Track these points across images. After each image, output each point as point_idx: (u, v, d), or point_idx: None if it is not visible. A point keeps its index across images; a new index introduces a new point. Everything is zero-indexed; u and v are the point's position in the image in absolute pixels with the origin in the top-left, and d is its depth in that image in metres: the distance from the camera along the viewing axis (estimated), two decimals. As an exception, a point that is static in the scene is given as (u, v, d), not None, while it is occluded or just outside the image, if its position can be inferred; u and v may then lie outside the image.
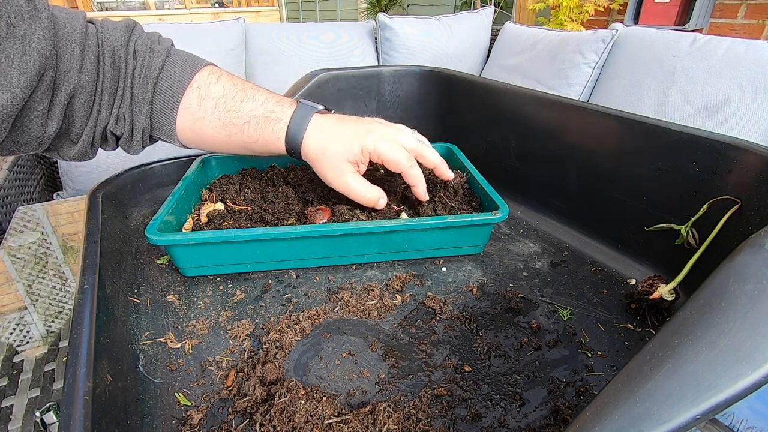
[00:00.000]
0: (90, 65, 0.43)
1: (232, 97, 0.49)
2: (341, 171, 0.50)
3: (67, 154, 0.46)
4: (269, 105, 0.50)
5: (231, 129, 0.50)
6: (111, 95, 0.45)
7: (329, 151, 0.49)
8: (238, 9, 5.56)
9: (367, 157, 0.50)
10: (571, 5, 2.10)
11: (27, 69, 0.37)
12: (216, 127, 0.49)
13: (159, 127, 0.49)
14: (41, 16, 0.38)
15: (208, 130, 0.50)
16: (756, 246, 0.26)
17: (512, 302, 0.47)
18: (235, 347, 0.42)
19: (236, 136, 0.50)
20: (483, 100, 0.73)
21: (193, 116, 0.49)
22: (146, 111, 0.47)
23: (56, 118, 0.42)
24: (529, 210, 0.66)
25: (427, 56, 2.03)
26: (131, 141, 0.49)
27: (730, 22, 2.05)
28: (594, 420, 0.22)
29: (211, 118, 0.49)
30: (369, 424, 0.34)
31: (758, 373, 0.20)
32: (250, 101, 0.49)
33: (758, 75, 1.24)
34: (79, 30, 0.42)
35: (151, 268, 0.53)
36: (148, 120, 0.48)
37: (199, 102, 0.48)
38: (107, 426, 0.29)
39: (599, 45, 1.62)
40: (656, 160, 0.50)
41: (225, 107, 0.49)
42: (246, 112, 0.49)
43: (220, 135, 0.50)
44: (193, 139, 0.51)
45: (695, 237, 0.45)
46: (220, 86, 0.49)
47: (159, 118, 0.48)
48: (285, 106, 0.50)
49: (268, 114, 0.50)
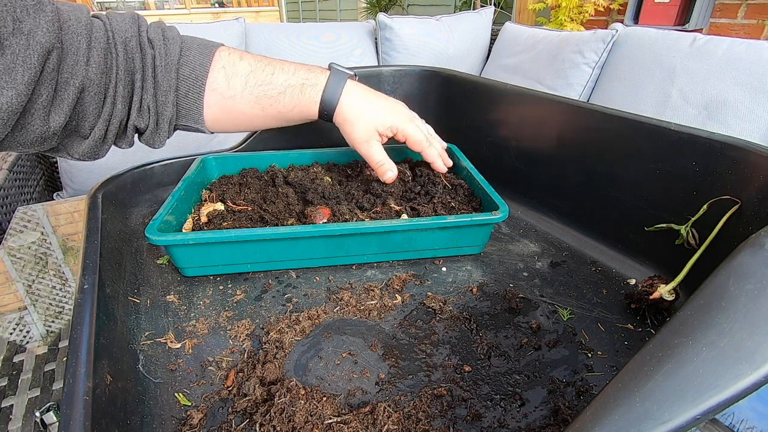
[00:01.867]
0: (97, 57, 0.42)
1: (261, 71, 0.51)
2: (369, 136, 0.55)
3: (76, 152, 0.46)
4: (301, 73, 0.52)
5: (265, 101, 0.51)
6: (126, 87, 0.45)
7: (364, 118, 0.54)
8: (238, 9, 5.55)
9: (390, 132, 0.56)
10: (571, 5, 2.10)
11: (31, 64, 0.37)
12: (249, 103, 0.51)
13: (185, 114, 0.50)
14: (46, 9, 0.38)
15: (241, 107, 0.51)
16: (756, 246, 0.26)
17: (512, 302, 0.47)
18: (235, 347, 0.42)
19: (271, 107, 0.52)
20: (483, 100, 0.73)
21: (223, 96, 0.50)
22: (172, 98, 0.47)
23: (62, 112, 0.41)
24: (529, 210, 0.66)
25: (427, 56, 2.03)
26: (157, 132, 0.49)
27: (730, 22, 2.05)
28: (594, 420, 0.22)
29: (243, 94, 0.50)
30: (369, 424, 0.33)
31: (758, 373, 0.20)
32: (281, 73, 0.52)
33: (758, 75, 1.24)
34: (84, 23, 0.42)
35: (151, 268, 0.53)
36: (174, 108, 0.48)
37: (227, 81, 0.49)
38: (107, 426, 0.29)
39: (599, 45, 1.62)
40: (656, 160, 0.50)
41: (256, 81, 0.50)
42: (280, 83, 0.51)
43: (254, 110, 0.51)
44: (224, 120, 0.52)
45: (695, 237, 0.45)
46: (246, 63, 0.51)
47: (185, 104, 0.49)
48: (318, 72, 0.53)
49: (303, 81, 0.52)
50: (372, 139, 0.55)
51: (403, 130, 0.56)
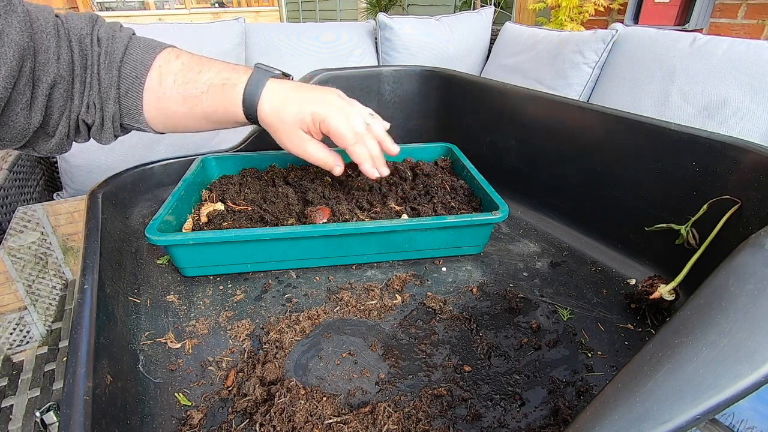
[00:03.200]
0: (66, 55, 0.44)
1: (190, 69, 0.49)
2: (299, 138, 0.51)
3: (43, 149, 0.47)
4: (225, 73, 0.50)
5: (191, 101, 0.49)
6: (81, 83, 0.46)
7: (287, 114, 0.49)
8: (238, 9, 5.55)
9: (317, 125, 0.50)
10: (571, 5, 2.10)
11: (6, 59, 0.38)
12: (177, 101, 0.49)
13: (127, 112, 0.49)
14: (17, 10, 0.39)
15: (171, 106, 0.50)
16: (756, 246, 0.26)
17: (512, 302, 0.47)
18: (235, 347, 0.42)
19: (197, 107, 0.50)
20: (483, 100, 0.73)
21: (155, 94, 0.49)
22: (114, 95, 0.48)
23: (39, 110, 0.42)
24: (529, 210, 0.66)
25: (427, 56, 2.03)
26: (102, 129, 0.49)
27: (730, 22, 2.05)
28: (594, 420, 0.22)
29: (171, 92, 0.49)
30: (369, 424, 0.33)
31: (758, 373, 0.20)
32: (207, 72, 0.50)
33: (758, 75, 1.24)
34: (51, 22, 0.43)
35: (151, 268, 0.53)
36: (117, 105, 0.48)
37: (159, 79, 0.49)
38: (107, 426, 0.29)
39: (599, 45, 1.62)
40: (656, 160, 0.50)
41: (183, 79, 0.49)
42: (203, 81, 0.49)
43: (182, 109, 0.50)
44: (161, 121, 0.51)
45: (695, 237, 0.45)
46: (180, 62, 0.50)
47: (126, 102, 0.49)
48: (241, 72, 0.50)
49: (224, 81, 0.49)
50: (301, 138, 0.51)
51: (326, 120, 0.49)
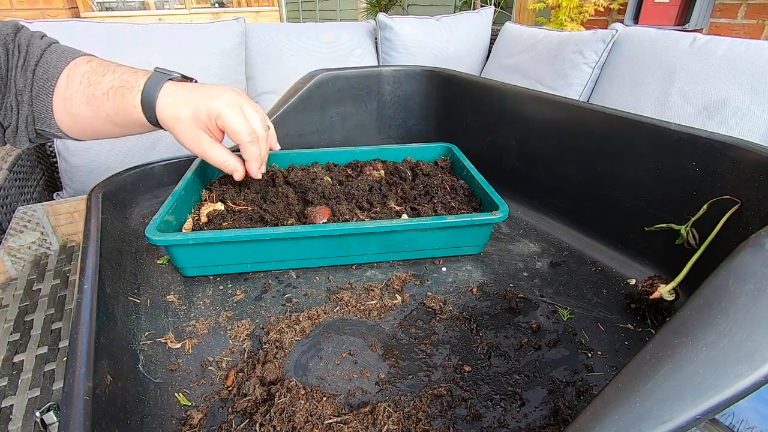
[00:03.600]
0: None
1: (96, 72, 0.50)
2: (197, 137, 0.50)
3: None
4: (125, 76, 0.50)
5: (95, 103, 0.49)
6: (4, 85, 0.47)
7: (180, 115, 0.49)
8: (238, 9, 5.55)
9: (213, 122, 0.49)
10: (571, 5, 2.10)
11: None
12: (81, 103, 0.49)
13: (39, 116, 0.50)
14: None
15: (77, 108, 0.50)
16: (756, 246, 0.26)
17: (512, 302, 0.47)
18: (235, 347, 0.42)
19: (101, 109, 0.50)
20: (483, 100, 0.73)
21: (62, 96, 0.49)
22: (27, 98, 0.48)
23: None
24: (529, 210, 0.66)
25: (427, 56, 2.03)
26: (17, 132, 0.49)
27: (730, 22, 2.05)
28: (594, 420, 0.22)
29: (77, 94, 0.49)
30: (369, 424, 0.33)
31: (758, 373, 0.20)
32: (111, 74, 0.50)
33: (758, 75, 1.24)
34: None
35: (151, 268, 0.53)
36: (30, 107, 0.49)
37: (66, 82, 0.49)
38: (107, 426, 0.29)
39: (599, 45, 1.62)
40: (656, 160, 0.50)
41: (88, 81, 0.49)
42: (106, 83, 0.49)
43: (88, 111, 0.50)
44: (71, 124, 0.51)
45: (695, 237, 0.45)
46: (89, 66, 0.50)
47: (37, 105, 0.49)
48: (140, 75, 0.50)
49: (123, 83, 0.49)
50: (200, 138, 0.50)
51: (221, 116, 0.48)
